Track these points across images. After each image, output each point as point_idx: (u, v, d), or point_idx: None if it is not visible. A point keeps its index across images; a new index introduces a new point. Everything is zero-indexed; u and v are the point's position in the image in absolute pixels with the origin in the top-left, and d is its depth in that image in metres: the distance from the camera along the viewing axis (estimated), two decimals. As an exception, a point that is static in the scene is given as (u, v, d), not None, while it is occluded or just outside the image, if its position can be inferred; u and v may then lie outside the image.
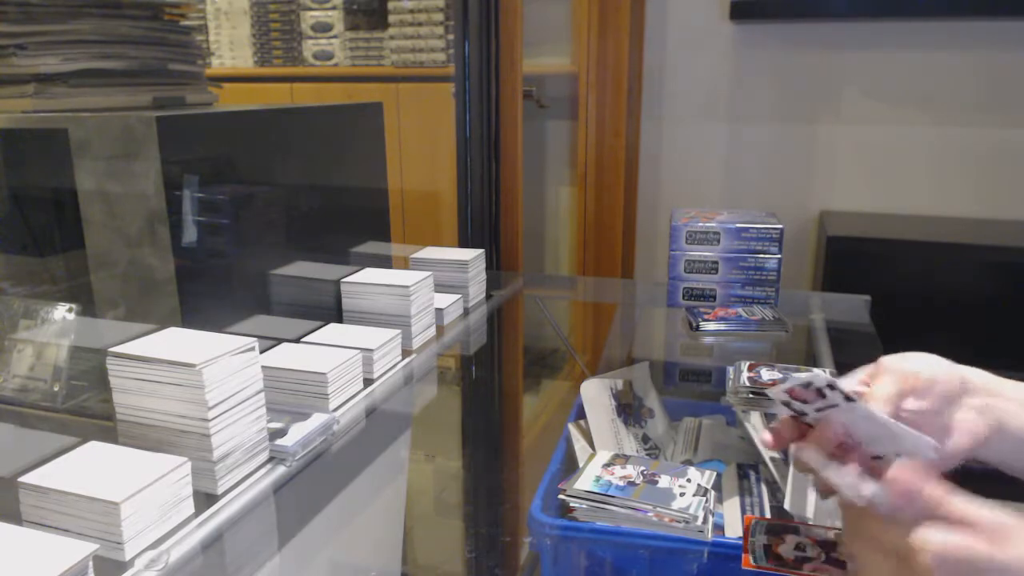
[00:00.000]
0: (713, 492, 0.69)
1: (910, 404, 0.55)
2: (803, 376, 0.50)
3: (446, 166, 2.35)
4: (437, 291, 1.24)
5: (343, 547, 0.74)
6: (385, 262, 1.26)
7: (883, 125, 2.03)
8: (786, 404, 0.52)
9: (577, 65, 2.16)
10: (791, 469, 0.78)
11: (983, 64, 1.93)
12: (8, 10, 0.90)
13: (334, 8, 2.61)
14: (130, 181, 0.82)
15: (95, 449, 0.69)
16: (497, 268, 1.67)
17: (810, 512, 0.73)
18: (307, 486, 0.78)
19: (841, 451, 0.51)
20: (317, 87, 2.58)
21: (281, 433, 0.81)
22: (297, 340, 1.01)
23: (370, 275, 1.15)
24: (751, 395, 0.86)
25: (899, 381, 0.55)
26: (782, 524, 0.64)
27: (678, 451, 0.89)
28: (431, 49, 2.47)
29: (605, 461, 0.73)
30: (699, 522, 0.64)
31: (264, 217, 0.99)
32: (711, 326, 1.24)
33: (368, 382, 0.98)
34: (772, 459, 0.82)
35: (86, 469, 0.66)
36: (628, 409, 0.89)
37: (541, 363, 1.31)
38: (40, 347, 0.90)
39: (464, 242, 1.62)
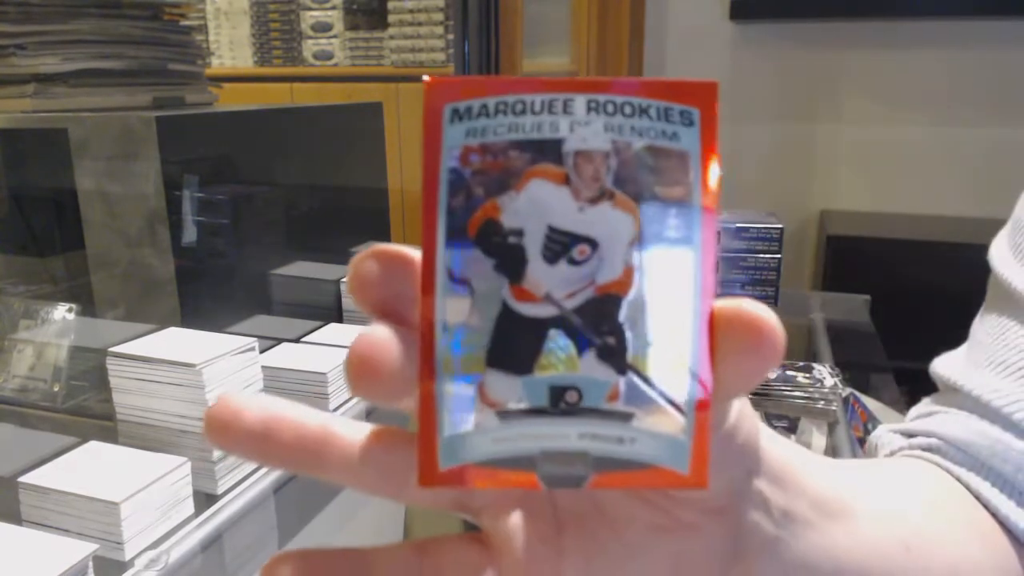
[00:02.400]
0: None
1: None
2: None
3: (446, 166, 2.35)
4: (437, 291, 1.23)
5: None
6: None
7: (883, 125, 2.03)
8: None
9: (577, 65, 2.16)
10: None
11: (983, 64, 1.93)
12: (8, 10, 0.90)
13: (334, 8, 2.61)
14: (130, 181, 0.82)
15: (95, 449, 0.69)
16: (497, 268, 1.67)
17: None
18: (307, 486, 0.78)
19: None
20: (317, 87, 2.58)
21: (281, 433, 0.81)
22: (297, 340, 1.01)
23: (370, 275, 1.15)
24: (751, 395, 0.86)
25: None
26: None
27: (678, 451, 0.89)
28: (431, 49, 2.47)
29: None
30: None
31: (264, 217, 0.98)
32: (711, 326, 1.24)
33: (368, 382, 0.98)
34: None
35: (86, 469, 0.66)
36: (628, 409, 0.89)
37: (541, 363, 1.31)
38: (40, 347, 0.90)
39: (464, 242, 1.62)
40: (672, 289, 0.19)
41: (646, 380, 0.19)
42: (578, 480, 0.19)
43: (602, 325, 0.19)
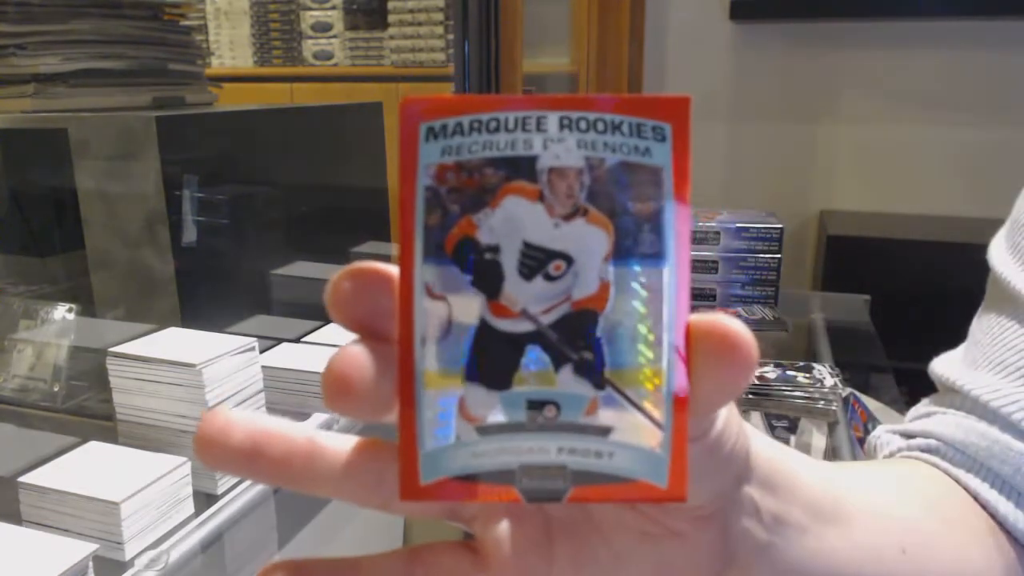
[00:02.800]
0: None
1: None
2: None
3: (446, 166, 2.35)
4: (437, 291, 1.23)
5: (343, 547, 0.74)
6: (385, 262, 1.26)
7: (883, 125, 2.03)
8: None
9: (577, 65, 2.16)
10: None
11: (983, 64, 1.93)
12: (8, 10, 0.90)
13: (334, 8, 2.61)
14: (130, 181, 0.82)
15: (95, 449, 0.69)
16: (497, 268, 1.66)
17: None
18: (307, 486, 0.78)
19: None
20: (317, 87, 2.58)
21: (281, 433, 0.81)
22: (297, 340, 1.01)
23: (370, 275, 1.15)
24: (751, 395, 0.86)
25: None
26: None
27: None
28: (431, 49, 2.47)
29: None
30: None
31: (264, 217, 0.99)
32: (711, 326, 1.23)
33: (368, 382, 0.98)
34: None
35: (86, 469, 0.66)
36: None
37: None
38: (40, 347, 0.90)
39: (464, 242, 1.61)
40: (647, 303, 0.20)
41: (623, 394, 0.19)
42: (557, 494, 0.20)
43: (578, 340, 0.20)
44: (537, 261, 0.19)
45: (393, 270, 0.20)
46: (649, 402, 0.19)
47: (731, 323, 0.19)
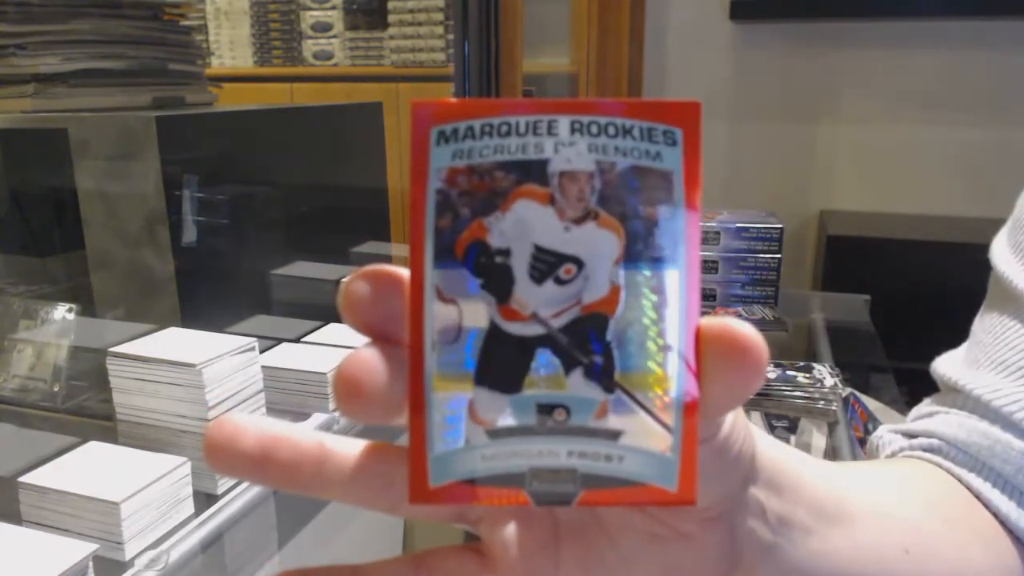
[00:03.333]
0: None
1: None
2: None
3: (446, 166, 2.35)
4: (437, 291, 1.23)
5: (343, 547, 0.73)
6: (385, 262, 1.26)
7: (883, 125, 2.03)
8: None
9: (577, 65, 2.16)
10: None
11: (983, 64, 1.93)
12: (8, 10, 0.90)
13: (334, 8, 2.61)
14: (130, 181, 0.82)
15: (95, 449, 0.69)
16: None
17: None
18: (307, 486, 0.77)
19: None
20: (317, 87, 2.58)
21: (281, 433, 0.81)
22: (297, 340, 1.01)
23: (370, 275, 1.15)
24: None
25: None
26: None
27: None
28: (431, 49, 2.47)
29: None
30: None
31: (264, 217, 0.99)
32: (711, 326, 1.23)
33: (368, 382, 0.98)
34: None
35: (86, 469, 0.66)
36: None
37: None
38: (40, 347, 0.90)
39: (464, 242, 1.61)
40: (658, 307, 0.20)
41: (633, 398, 0.19)
42: (567, 497, 0.20)
43: (589, 343, 0.20)
44: (548, 264, 0.19)
45: (405, 273, 0.20)
46: (659, 406, 0.19)
47: (741, 327, 0.19)
